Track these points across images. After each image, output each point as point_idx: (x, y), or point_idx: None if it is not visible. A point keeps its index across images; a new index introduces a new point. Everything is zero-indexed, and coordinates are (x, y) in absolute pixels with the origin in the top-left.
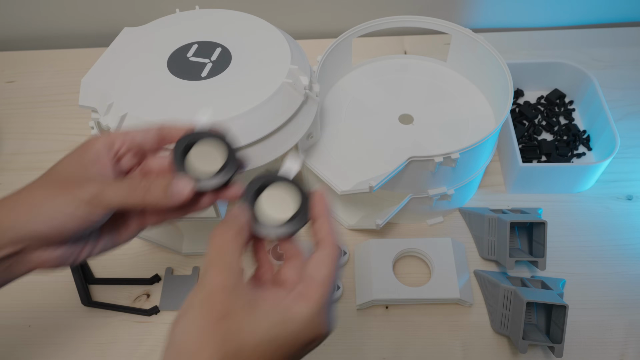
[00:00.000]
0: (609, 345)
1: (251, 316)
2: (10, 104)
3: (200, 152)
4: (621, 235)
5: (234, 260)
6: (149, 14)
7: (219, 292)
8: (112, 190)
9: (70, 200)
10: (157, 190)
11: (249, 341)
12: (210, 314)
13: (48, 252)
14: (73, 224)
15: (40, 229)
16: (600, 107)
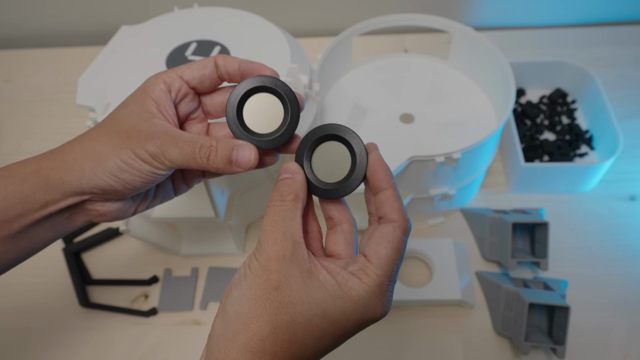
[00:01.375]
0: (611, 346)
1: (305, 289)
2: (8, 103)
3: (258, 107)
4: (624, 236)
5: (291, 227)
6: (147, 12)
7: (274, 261)
8: (175, 151)
9: (135, 156)
10: (221, 156)
11: (302, 315)
12: (265, 284)
13: (108, 205)
14: (136, 180)
15: (104, 184)
16: (603, 107)
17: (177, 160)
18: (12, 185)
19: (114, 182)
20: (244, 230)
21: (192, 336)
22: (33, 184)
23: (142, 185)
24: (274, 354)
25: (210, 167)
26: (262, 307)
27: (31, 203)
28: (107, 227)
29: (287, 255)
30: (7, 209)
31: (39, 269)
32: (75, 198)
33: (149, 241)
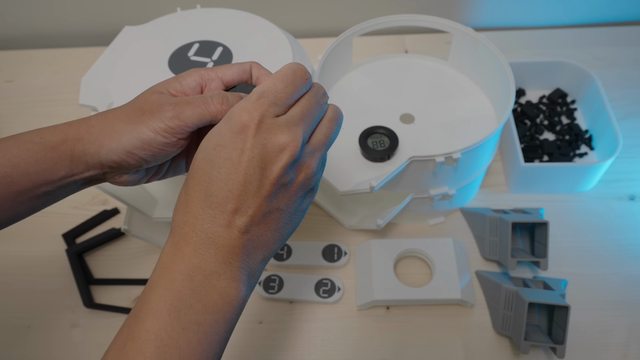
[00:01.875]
0: (611, 346)
1: None
2: (10, 103)
3: None
4: (624, 236)
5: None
6: (150, 13)
7: None
8: (188, 109)
9: (149, 130)
10: (234, 97)
11: (200, 151)
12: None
13: (125, 177)
14: (153, 150)
15: (119, 160)
16: (603, 107)
17: (192, 117)
18: (43, 151)
19: (129, 158)
20: None
21: None
22: (61, 153)
23: (154, 159)
24: (187, 200)
25: (223, 109)
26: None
27: (58, 171)
28: (110, 228)
29: None
30: (37, 174)
31: (41, 268)
32: (96, 170)
33: (150, 241)
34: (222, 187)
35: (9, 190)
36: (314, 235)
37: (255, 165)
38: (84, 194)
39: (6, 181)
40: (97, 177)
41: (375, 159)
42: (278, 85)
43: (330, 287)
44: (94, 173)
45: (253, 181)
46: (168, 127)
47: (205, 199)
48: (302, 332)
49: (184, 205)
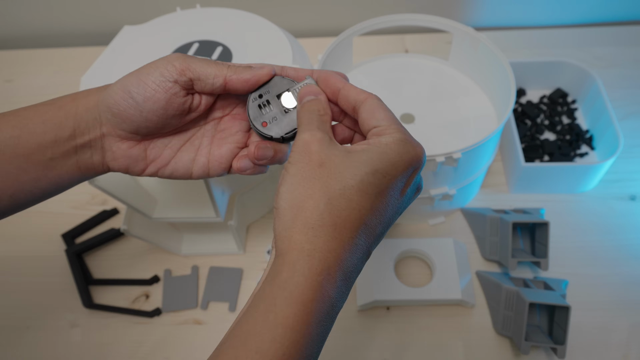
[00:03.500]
0: (612, 346)
1: (348, 159)
2: (9, 103)
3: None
4: (624, 236)
5: (324, 123)
6: (150, 12)
7: (314, 144)
8: (199, 63)
9: (153, 65)
10: (241, 66)
11: (352, 178)
12: (308, 165)
13: (122, 148)
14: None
15: (113, 103)
16: (603, 107)
17: (198, 66)
18: (51, 111)
19: (121, 98)
20: (244, 230)
21: (193, 336)
22: (67, 111)
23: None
24: (334, 224)
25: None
26: (312, 186)
27: (63, 130)
28: (110, 228)
29: (324, 138)
30: (44, 133)
31: (40, 268)
32: (95, 131)
33: (149, 241)
34: (378, 216)
35: (16, 153)
36: None
37: (407, 198)
38: (83, 194)
39: (14, 142)
40: (96, 147)
41: None
42: (393, 114)
43: None
44: (93, 136)
45: (399, 211)
46: (171, 64)
47: (359, 226)
48: None
49: (331, 227)
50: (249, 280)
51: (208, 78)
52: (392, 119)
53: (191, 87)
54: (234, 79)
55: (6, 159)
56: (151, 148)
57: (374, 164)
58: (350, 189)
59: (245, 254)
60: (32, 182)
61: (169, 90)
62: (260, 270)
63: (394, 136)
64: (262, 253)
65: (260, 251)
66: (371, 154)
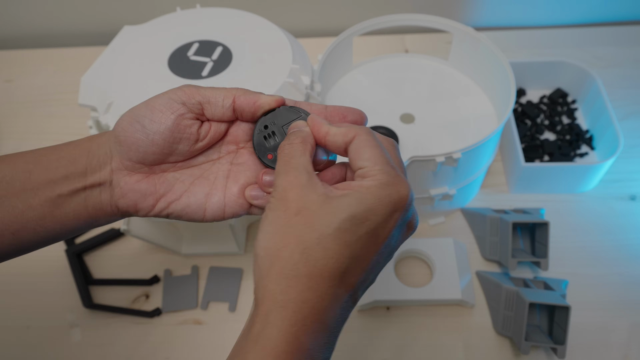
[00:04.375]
0: (612, 346)
1: (326, 205)
2: (9, 103)
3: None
4: (624, 236)
5: (303, 163)
6: (150, 12)
7: (291, 190)
8: (205, 88)
9: (164, 93)
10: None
11: (328, 226)
12: (285, 213)
13: (131, 182)
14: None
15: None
16: (604, 107)
17: (208, 92)
18: (67, 149)
19: (128, 124)
20: (244, 230)
21: (193, 336)
22: (82, 148)
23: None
24: (309, 274)
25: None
26: (287, 235)
27: (76, 166)
28: (110, 228)
29: (302, 183)
30: (56, 169)
31: (40, 269)
32: (105, 170)
33: (149, 241)
34: (359, 264)
35: (25, 187)
36: None
37: (392, 243)
38: None
39: (24, 177)
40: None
41: None
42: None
43: None
44: (103, 176)
45: (384, 257)
46: (179, 89)
47: (338, 275)
48: None
49: (305, 277)
50: (249, 281)
51: (217, 100)
52: (378, 157)
53: (201, 113)
54: (242, 99)
55: (14, 193)
56: (161, 182)
57: (352, 210)
58: (326, 237)
59: (245, 254)
60: (37, 220)
61: (176, 111)
62: None
63: (376, 178)
64: None
65: None
66: (350, 199)
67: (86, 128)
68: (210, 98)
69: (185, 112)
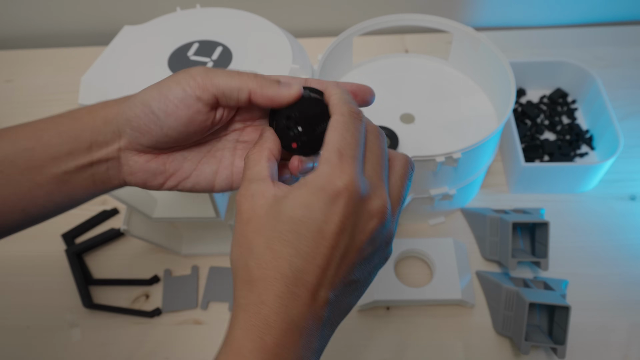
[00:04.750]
0: (612, 346)
1: (271, 209)
2: (9, 103)
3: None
4: (624, 236)
5: (256, 172)
6: (150, 12)
7: (242, 202)
8: (223, 75)
9: (174, 79)
10: (268, 80)
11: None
12: (240, 223)
13: (140, 162)
14: (169, 105)
15: (134, 117)
16: (604, 106)
17: (223, 83)
18: (68, 123)
19: (142, 112)
20: None
21: (193, 336)
22: (84, 123)
23: (168, 118)
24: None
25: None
26: (242, 245)
27: (79, 142)
28: (110, 228)
29: (251, 192)
30: (59, 145)
31: (40, 268)
32: (113, 146)
33: (149, 241)
34: (310, 261)
35: (28, 165)
36: None
37: (347, 237)
38: None
39: (27, 154)
40: (113, 161)
41: None
42: (348, 137)
43: None
44: (110, 152)
45: (341, 253)
46: (193, 80)
47: (291, 275)
48: None
49: (261, 280)
50: None
51: (232, 92)
52: (329, 144)
53: (215, 103)
54: (258, 95)
55: (19, 171)
56: (170, 161)
57: (289, 209)
58: (272, 240)
59: None
60: (45, 196)
61: (191, 107)
62: None
63: (317, 169)
64: None
65: None
66: (289, 199)
67: None
68: (224, 90)
69: (201, 107)
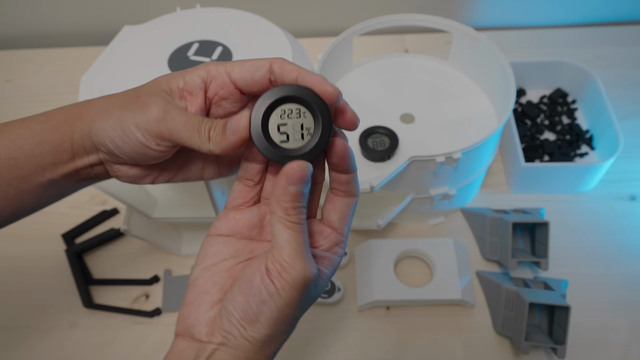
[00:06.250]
0: (612, 346)
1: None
2: (9, 103)
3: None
4: (624, 236)
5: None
6: (150, 12)
7: None
8: (180, 119)
9: (134, 120)
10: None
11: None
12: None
13: (123, 168)
14: (132, 146)
15: (105, 144)
16: (604, 106)
17: (178, 133)
18: (47, 131)
19: (111, 145)
20: None
21: None
22: (63, 133)
23: (135, 155)
24: None
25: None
26: None
27: (61, 153)
28: (110, 228)
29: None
30: (42, 155)
31: (40, 268)
32: (93, 156)
33: (149, 241)
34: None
35: (13, 175)
36: None
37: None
38: (83, 194)
39: (10, 164)
40: (98, 166)
41: (376, 159)
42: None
43: (330, 288)
44: (93, 160)
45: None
46: (149, 127)
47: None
48: (302, 333)
49: None
50: None
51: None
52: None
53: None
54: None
55: (5, 181)
56: (154, 167)
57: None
58: None
59: None
60: (33, 200)
61: (155, 148)
62: None
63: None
64: None
65: None
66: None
67: None
68: (185, 144)
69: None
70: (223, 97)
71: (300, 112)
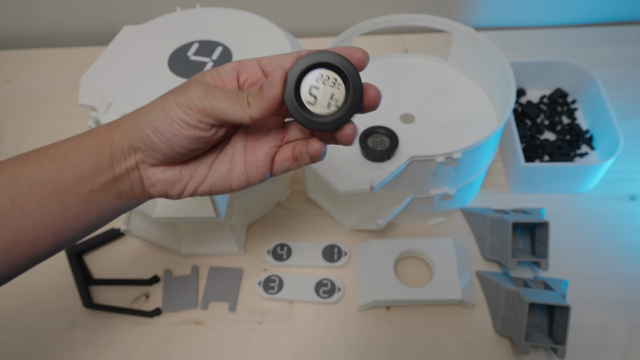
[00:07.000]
0: (612, 346)
1: None
2: (9, 103)
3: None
4: (624, 236)
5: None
6: (150, 12)
7: None
8: (220, 94)
9: (176, 101)
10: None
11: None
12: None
13: (157, 173)
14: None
15: (144, 135)
16: (604, 106)
17: (219, 104)
18: (89, 141)
19: (151, 133)
20: (244, 230)
21: (193, 336)
22: (103, 140)
23: (174, 139)
24: None
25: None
26: None
27: (101, 159)
28: (110, 228)
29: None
30: (83, 164)
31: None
32: (131, 159)
33: (150, 241)
34: None
35: (57, 187)
36: (314, 235)
37: None
38: None
39: (54, 176)
40: (134, 172)
41: (376, 159)
42: None
43: (330, 288)
44: (130, 164)
45: None
46: (192, 103)
47: None
48: (302, 333)
49: None
50: (249, 280)
51: (233, 118)
52: None
53: (218, 123)
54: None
55: (48, 194)
56: (185, 168)
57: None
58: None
59: (245, 254)
60: (75, 217)
61: (195, 128)
62: (260, 270)
63: None
64: (262, 253)
65: (261, 251)
66: None
67: (86, 128)
68: (224, 117)
69: (205, 127)
70: (253, 82)
71: (335, 82)
